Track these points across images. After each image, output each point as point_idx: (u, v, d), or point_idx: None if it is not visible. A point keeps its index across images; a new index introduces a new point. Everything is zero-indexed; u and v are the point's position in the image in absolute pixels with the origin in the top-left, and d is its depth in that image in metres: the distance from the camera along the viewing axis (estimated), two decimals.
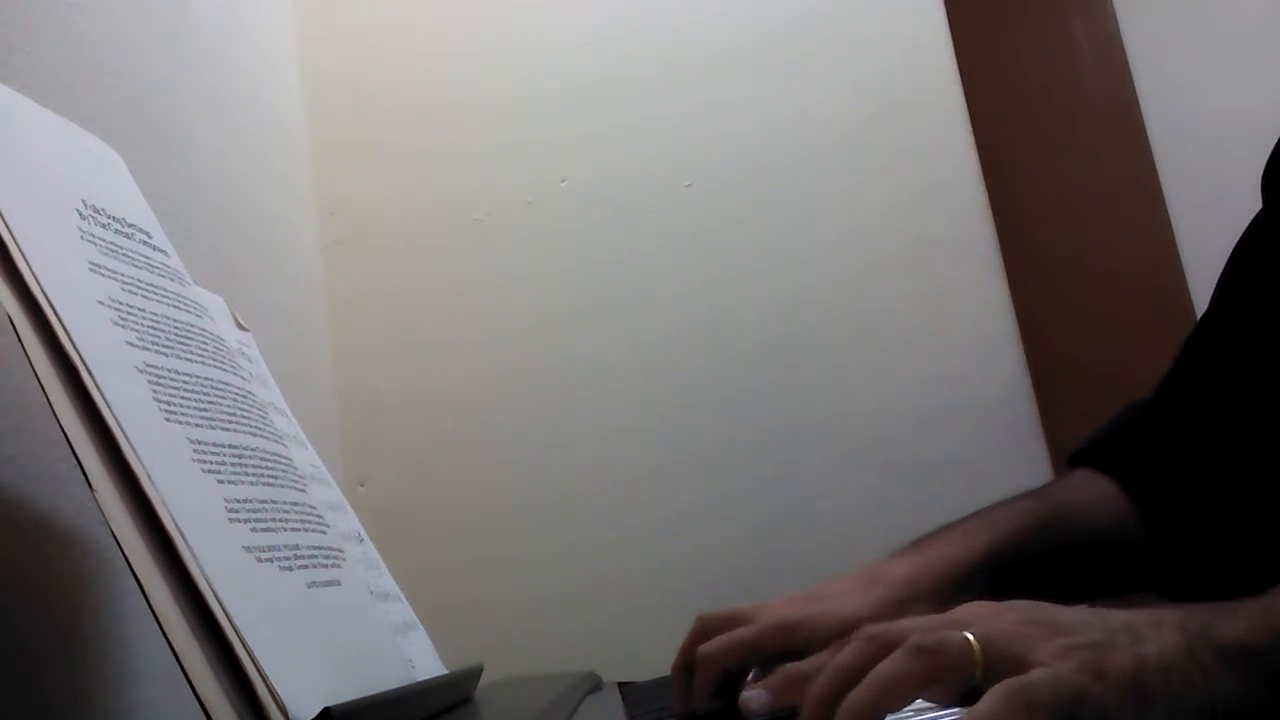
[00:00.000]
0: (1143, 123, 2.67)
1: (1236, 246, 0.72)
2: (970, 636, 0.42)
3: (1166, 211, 2.64)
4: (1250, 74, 2.82)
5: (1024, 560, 0.70)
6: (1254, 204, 0.74)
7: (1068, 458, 0.77)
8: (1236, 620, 0.43)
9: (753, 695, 0.54)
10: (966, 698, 0.41)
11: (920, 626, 0.44)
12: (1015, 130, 2.45)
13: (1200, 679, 0.41)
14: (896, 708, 0.42)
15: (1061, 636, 0.42)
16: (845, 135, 1.38)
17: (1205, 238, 2.63)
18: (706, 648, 0.61)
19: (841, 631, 0.57)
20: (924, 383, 1.31)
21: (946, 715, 0.44)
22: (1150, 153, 2.66)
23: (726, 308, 1.35)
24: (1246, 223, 0.73)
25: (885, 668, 0.42)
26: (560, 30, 1.42)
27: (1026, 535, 0.71)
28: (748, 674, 0.62)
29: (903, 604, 0.66)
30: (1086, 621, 0.44)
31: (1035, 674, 0.40)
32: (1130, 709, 0.40)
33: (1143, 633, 0.42)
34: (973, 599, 0.48)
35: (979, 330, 1.33)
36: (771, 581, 1.28)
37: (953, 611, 0.46)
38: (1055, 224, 2.49)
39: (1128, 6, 2.79)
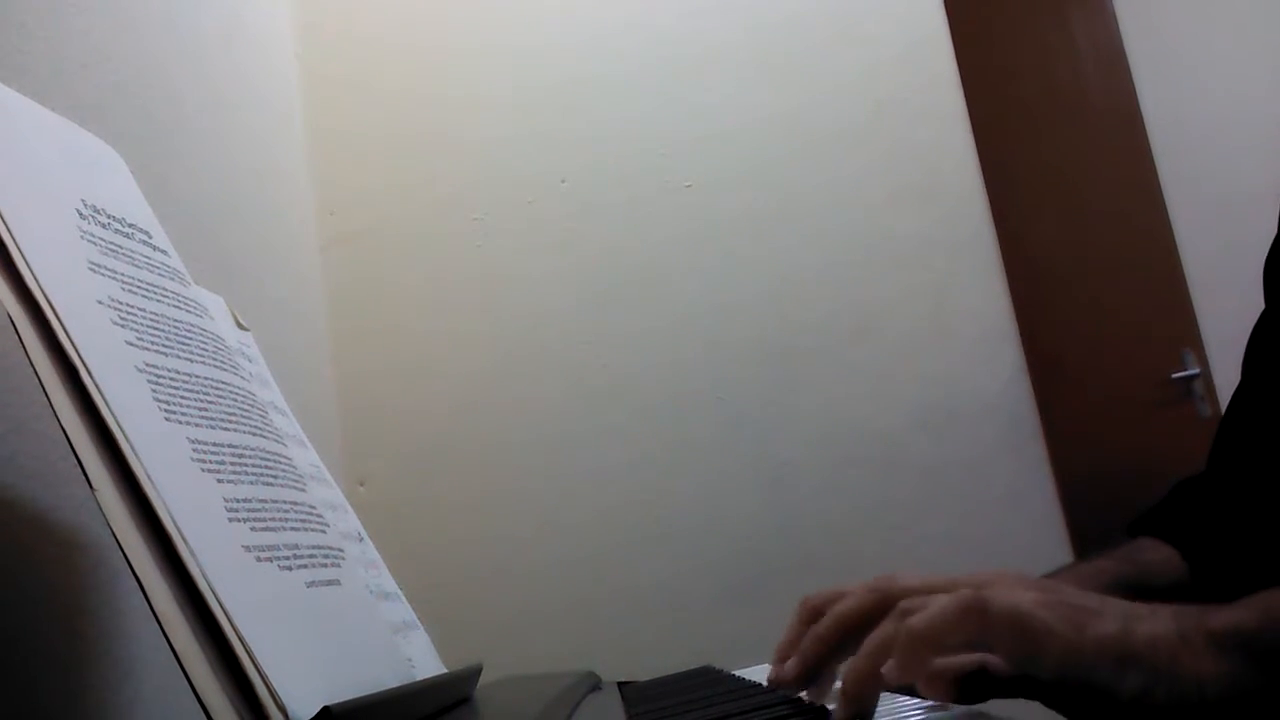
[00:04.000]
0: (1143, 123, 2.68)
1: (1250, 339, 0.74)
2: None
3: (1166, 211, 2.65)
4: (1249, 74, 2.83)
5: None
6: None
7: (1126, 527, 0.78)
8: (1230, 611, 0.44)
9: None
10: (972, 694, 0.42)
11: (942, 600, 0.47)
12: (1015, 130, 2.46)
13: (1190, 662, 0.42)
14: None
15: (1062, 602, 0.45)
16: (845, 135, 1.38)
17: (1204, 237, 2.64)
18: (834, 606, 0.58)
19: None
20: (924, 383, 1.31)
21: (946, 714, 0.44)
22: (1150, 153, 2.67)
23: (726, 307, 1.35)
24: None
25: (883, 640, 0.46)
26: (560, 30, 1.42)
27: (1113, 590, 0.70)
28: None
29: None
30: (1095, 597, 0.46)
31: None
32: (1107, 667, 0.42)
33: (1138, 613, 0.44)
34: None
35: (979, 330, 1.33)
36: (771, 580, 1.28)
37: (979, 580, 0.50)
38: (1055, 223, 2.50)
39: (1128, 6, 2.79)
